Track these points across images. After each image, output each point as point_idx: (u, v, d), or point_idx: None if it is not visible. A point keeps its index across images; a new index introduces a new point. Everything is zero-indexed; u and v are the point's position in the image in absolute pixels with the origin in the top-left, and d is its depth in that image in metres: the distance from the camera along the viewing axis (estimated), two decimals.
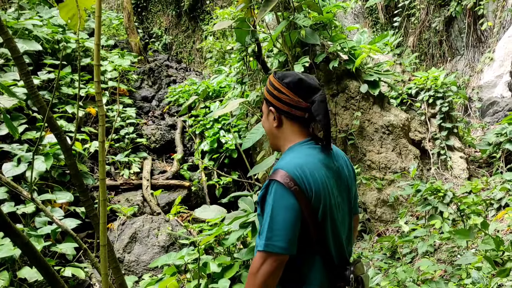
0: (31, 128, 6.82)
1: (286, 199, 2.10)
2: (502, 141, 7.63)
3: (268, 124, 2.39)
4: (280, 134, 2.37)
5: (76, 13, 2.65)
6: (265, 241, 2.07)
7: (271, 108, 2.33)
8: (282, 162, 2.21)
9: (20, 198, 5.83)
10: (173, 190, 8.06)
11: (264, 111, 2.41)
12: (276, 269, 2.09)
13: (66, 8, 2.68)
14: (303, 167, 2.18)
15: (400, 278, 4.64)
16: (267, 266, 2.08)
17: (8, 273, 4.95)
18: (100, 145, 2.47)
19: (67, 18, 2.70)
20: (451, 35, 12.74)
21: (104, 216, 2.56)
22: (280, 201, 2.10)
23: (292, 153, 2.28)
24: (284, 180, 2.11)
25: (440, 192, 5.43)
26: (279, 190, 2.11)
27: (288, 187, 2.10)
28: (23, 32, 7.82)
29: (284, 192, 2.11)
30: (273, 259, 2.08)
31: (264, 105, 2.41)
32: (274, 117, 2.34)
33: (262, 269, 2.08)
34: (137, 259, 6.08)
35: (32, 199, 3.19)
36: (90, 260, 3.43)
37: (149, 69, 12.23)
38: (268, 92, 2.34)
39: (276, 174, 2.15)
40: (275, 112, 2.33)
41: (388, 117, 7.31)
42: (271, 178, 2.16)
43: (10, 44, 2.47)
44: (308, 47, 6.82)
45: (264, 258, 2.08)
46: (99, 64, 2.39)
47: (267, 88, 2.35)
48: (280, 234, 2.07)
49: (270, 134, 2.41)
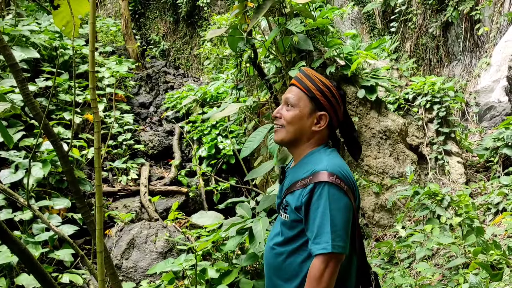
0: (29, 135, 6.82)
1: (342, 199, 2.12)
2: (500, 146, 7.63)
3: (306, 123, 2.33)
4: (312, 135, 2.35)
5: (70, 20, 2.65)
6: (331, 242, 2.06)
7: (323, 113, 2.31)
8: (323, 164, 2.19)
9: (17, 205, 5.82)
10: (171, 196, 8.05)
11: (305, 109, 2.32)
12: (338, 269, 2.11)
13: (60, 15, 2.68)
14: (344, 167, 2.23)
15: (397, 283, 4.64)
16: (331, 267, 2.09)
17: (6, 280, 4.94)
18: (96, 152, 2.47)
19: (61, 25, 2.70)
20: (448, 40, 12.78)
21: (101, 222, 2.56)
22: (337, 202, 2.11)
23: (324, 155, 2.29)
24: (335, 181, 2.12)
25: (438, 196, 5.43)
26: (332, 191, 2.11)
27: (340, 188, 2.12)
28: (20, 39, 7.83)
29: (338, 192, 2.12)
30: (337, 260, 2.10)
31: (306, 103, 2.33)
32: (319, 120, 2.32)
33: (327, 272, 2.08)
34: (135, 265, 6.06)
35: (29, 205, 3.19)
36: (87, 267, 3.41)
37: (146, 75, 12.25)
38: (325, 97, 2.31)
39: (322, 176, 2.14)
40: (326, 118, 2.32)
41: (386, 122, 7.31)
42: (317, 181, 2.14)
43: (5, 51, 2.48)
44: (305, 53, 6.83)
45: (327, 260, 2.08)
46: (94, 70, 2.39)
47: (322, 91, 2.31)
48: (341, 234, 2.09)
49: (301, 132, 2.34)
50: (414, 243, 5.33)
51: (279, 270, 2.33)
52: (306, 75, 2.35)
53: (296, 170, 2.34)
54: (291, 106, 2.34)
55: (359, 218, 2.28)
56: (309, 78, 2.33)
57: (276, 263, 2.34)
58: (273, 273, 2.37)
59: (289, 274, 2.28)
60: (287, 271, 2.29)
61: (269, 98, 6.46)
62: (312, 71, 2.37)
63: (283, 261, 2.30)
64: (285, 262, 2.29)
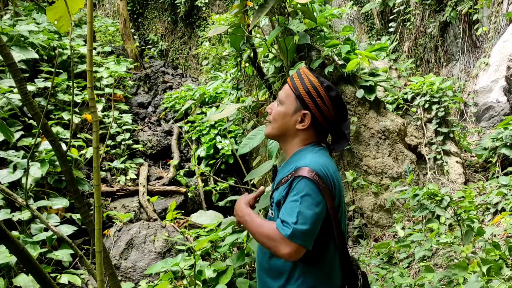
0: (27, 134, 6.80)
1: (316, 195, 2.12)
2: (498, 146, 7.63)
3: (290, 121, 2.34)
4: (297, 134, 2.36)
5: (63, 15, 2.66)
6: (291, 230, 2.05)
7: (306, 112, 2.31)
8: (306, 161, 2.21)
9: (15, 205, 5.81)
10: (170, 196, 8.04)
11: (290, 107, 2.34)
12: (291, 257, 2.11)
13: (54, 10, 2.69)
14: (327, 166, 2.23)
15: (397, 283, 4.63)
16: (287, 250, 2.08)
17: (4, 280, 4.92)
18: (94, 151, 2.46)
19: (54, 19, 2.70)
20: (447, 40, 12.79)
21: (99, 222, 2.55)
22: (310, 197, 2.11)
23: (309, 153, 2.29)
24: (313, 177, 2.13)
25: (437, 197, 5.43)
26: (308, 185, 2.12)
27: (317, 184, 2.13)
28: (18, 39, 7.81)
29: (314, 188, 2.12)
30: (295, 249, 2.08)
31: (292, 101, 2.34)
32: (303, 119, 2.32)
33: (281, 249, 2.08)
34: (133, 265, 6.05)
35: (27, 205, 3.18)
36: (86, 267, 3.40)
37: (145, 75, 12.25)
38: (309, 96, 2.29)
39: (302, 171, 2.15)
40: (309, 117, 2.31)
41: (384, 122, 7.31)
42: (296, 175, 2.15)
43: (4, 51, 2.47)
44: (304, 53, 6.83)
45: (287, 243, 2.07)
46: (91, 70, 2.39)
47: (308, 90, 2.30)
48: (306, 228, 2.07)
49: (285, 129, 2.37)
50: (413, 243, 5.33)
51: (266, 268, 2.36)
52: (299, 74, 2.36)
53: (284, 168, 2.36)
54: (279, 103, 2.38)
55: (340, 218, 2.26)
56: (300, 77, 2.34)
57: (263, 261, 2.38)
58: (262, 271, 2.40)
59: (275, 272, 2.31)
60: (272, 269, 2.32)
61: (268, 98, 6.46)
62: (306, 71, 2.38)
63: (269, 258, 2.33)
64: (271, 260, 2.32)
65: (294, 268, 2.23)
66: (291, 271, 2.23)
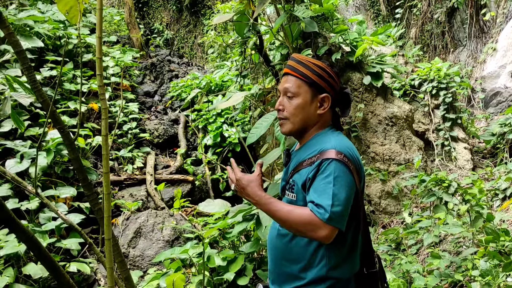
0: (34, 124, 6.81)
1: (347, 177, 2.13)
2: (506, 132, 7.60)
3: (310, 109, 2.33)
4: (319, 119, 2.36)
5: (74, 5, 2.64)
6: (329, 213, 2.04)
7: (326, 95, 2.31)
8: (332, 143, 2.21)
9: (23, 195, 5.83)
10: (177, 185, 8.05)
11: (306, 95, 2.32)
12: (327, 240, 2.10)
13: (64, 2, 2.67)
14: (353, 149, 2.25)
15: (405, 270, 4.63)
16: (324, 233, 2.07)
17: (14, 270, 4.95)
18: (103, 139, 2.45)
19: (65, 10, 2.69)
20: (454, 26, 12.68)
21: (109, 209, 2.55)
22: (341, 178, 2.11)
23: (332, 135, 2.30)
24: (343, 159, 2.14)
25: (444, 183, 5.41)
26: (339, 167, 2.12)
27: (347, 166, 2.14)
28: (24, 28, 7.81)
29: (344, 170, 2.13)
30: (331, 231, 2.07)
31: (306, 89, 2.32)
32: (322, 103, 2.33)
33: (319, 233, 2.07)
34: (142, 254, 6.08)
35: (36, 193, 3.19)
36: (95, 255, 3.43)
37: (151, 64, 12.23)
38: (323, 80, 2.30)
39: (330, 153, 2.15)
40: (328, 99, 2.32)
41: (392, 109, 7.28)
42: (325, 157, 2.15)
43: (12, 38, 2.46)
44: (310, 40, 6.79)
45: (325, 227, 2.06)
46: (101, 57, 2.37)
47: (319, 74, 2.30)
48: (341, 209, 2.07)
49: (307, 119, 2.35)
50: (421, 229, 5.32)
51: (285, 251, 2.33)
52: (299, 61, 2.35)
53: (303, 151, 2.35)
54: (292, 95, 2.34)
55: (363, 200, 2.27)
56: (303, 64, 2.33)
57: (281, 245, 2.35)
58: (279, 255, 2.37)
59: (295, 255, 2.29)
60: (293, 253, 2.30)
61: (275, 85, 6.43)
62: (303, 56, 2.38)
63: (288, 242, 2.31)
64: (291, 243, 2.30)
65: (317, 250, 2.22)
66: (314, 253, 2.22)
